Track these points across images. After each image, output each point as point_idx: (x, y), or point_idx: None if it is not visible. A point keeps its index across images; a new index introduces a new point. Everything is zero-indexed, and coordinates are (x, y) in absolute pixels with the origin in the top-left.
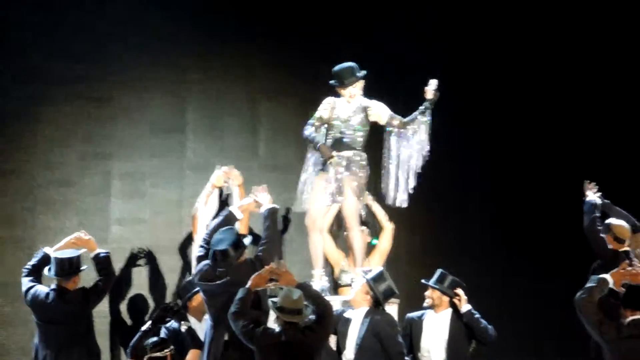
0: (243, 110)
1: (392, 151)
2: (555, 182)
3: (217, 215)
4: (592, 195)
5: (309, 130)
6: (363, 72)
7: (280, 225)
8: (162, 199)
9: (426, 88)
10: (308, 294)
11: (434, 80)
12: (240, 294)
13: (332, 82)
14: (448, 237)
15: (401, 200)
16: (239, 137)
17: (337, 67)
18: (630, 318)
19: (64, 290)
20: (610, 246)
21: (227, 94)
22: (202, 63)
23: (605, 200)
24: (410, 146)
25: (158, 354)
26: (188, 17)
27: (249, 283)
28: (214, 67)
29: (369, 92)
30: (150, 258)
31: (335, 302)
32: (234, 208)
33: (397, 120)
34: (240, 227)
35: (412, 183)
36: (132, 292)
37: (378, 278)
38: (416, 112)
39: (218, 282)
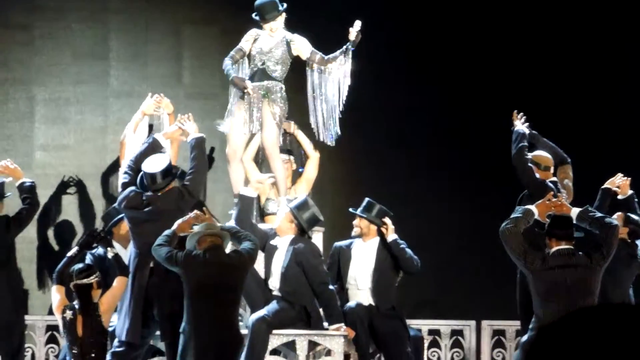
0: (167, 37)
1: (314, 87)
2: (483, 110)
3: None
4: (520, 125)
5: (225, 63)
6: (284, 6)
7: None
8: (86, 125)
9: (350, 29)
10: (233, 235)
11: (358, 22)
12: (166, 232)
13: (253, 15)
14: (375, 167)
15: (326, 136)
16: (163, 64)
17: (258, 1)
18: (555, 248)
19: None
20: (538, 176)
21: (151, 21)
22: None
23: (533, 131)
24: (332, 84)
25: (84, 281)
26: None
27: (174, 227)
28: None
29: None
30: (76, 184)
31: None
32: (159, 135)
33: (319, 56)
34: (170, 156)
35: (336, 121)
36: (58, 219)
37: (302, 206)
38: (337, 52)
39: (144, 209)
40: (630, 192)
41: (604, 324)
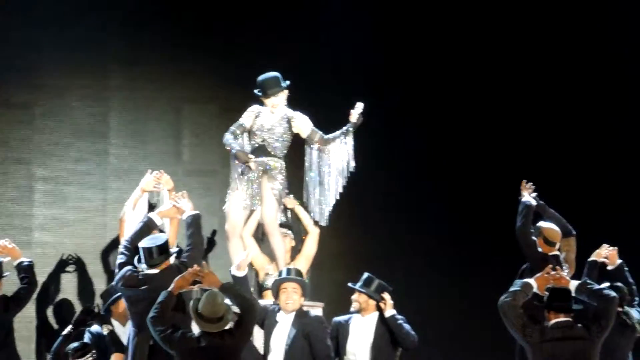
0: (166, 115)
1: (313, 165)
2: (484, 182)
3: None
4: (528, 197)
5: (226, 137)
6: (287, 83)
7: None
8: (85, 203)
9: (351, 111)
10: (233, 295)
11: (360, 104)
12: (161, 297)
13: (256, 91)
14: (373, 241)
15: (321, 216)
16: (163, 142)
17: (261, 77)
18: (554, 321)
19: None
20: (540, 249)
21: (151, 99)
22: (126, 68)
23: (540, 202)
24: (330, 166)
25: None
26: (113, 23)
27: (172, 286)
28: (138, 72)
29: (293, 103)
30: (75, 263)
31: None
32: (154, 214)
33: (319, 136)
34: (169, 234)
35: (332, 201)
36: (57, 297)
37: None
38: (338, 132)
39: (141, 287)
40: (619, 261)
41: None
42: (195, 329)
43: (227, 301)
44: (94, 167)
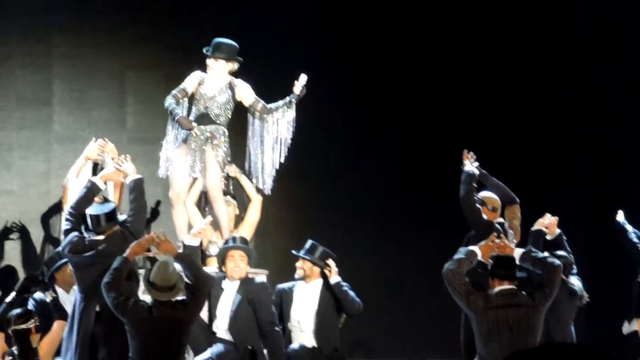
0: (110, 83)
1: (255, 134)
2: (429, 149)
3: None
4: (470, 165)
5: (169, 102)
6: (241, 60)
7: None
8: (29, 170)
9: (295, 82)
10: (186, 264)
11: (304, 76)
12: (116, 263)
13: (206, 49)
14: (317, 209)
15: (264, 184)
16: (107, 109)
17: (219, 39)
18: (498, 288)
19: None
20: (485, 217)
21: (95, 67)
22: (69, 35)
23: (483, 171)
24: (272, 135)
25: (22, 326)
26: None
27: (127, 252)
28: (81, 40)
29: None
30: (19, 230)
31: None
32: (96, 178)
33: (261, 105)
34: (113, 198)
35: (273, 171)
36: (1, 264)
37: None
38: (280, 102)
39: (88, 253)
40: (558, 231)
41: None
42: (147, 299)
43: (180, 271)
44: (37, 134)
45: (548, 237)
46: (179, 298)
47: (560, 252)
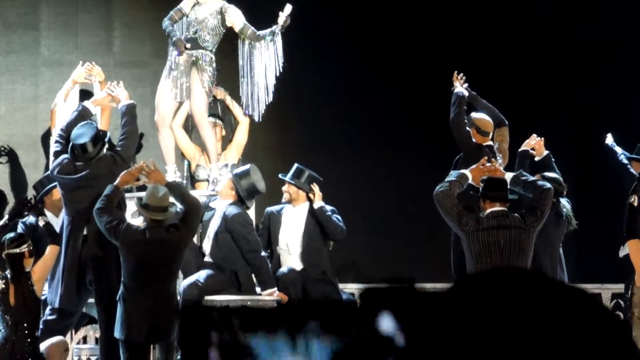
0: (97, 7)
1: (245, 61)
2: (418, 72)
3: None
4: (460, 87)
5: (166, 23)
6: None
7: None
8: (17, 95)
9: (280, 12)
10: (176, 193)
11: (289, 6)
12: (107, 190)
13: None
14: (306, 133)
15: (253, 110)
16: (94, 33)
17: None
18: (489, 210)
19: None
20: (474, 139)
21: None
22: None
23: (472, 92)
24: (262, 62)
25: (15, 250)
26: None
27: (117, 180)
28: None
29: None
30: (7, 154)
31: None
32: (88, 103)
33: (250, 31)
34: (101, 123)
35: (264, 98)
36: None
37: (243, 174)
38: (267, 31)
39: (77, 175)
40: (546, 152)
41: (509, 287)
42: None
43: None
44: (25, 58)
45: (536, 159)
46: (172, 222)
47: (552, 174)
